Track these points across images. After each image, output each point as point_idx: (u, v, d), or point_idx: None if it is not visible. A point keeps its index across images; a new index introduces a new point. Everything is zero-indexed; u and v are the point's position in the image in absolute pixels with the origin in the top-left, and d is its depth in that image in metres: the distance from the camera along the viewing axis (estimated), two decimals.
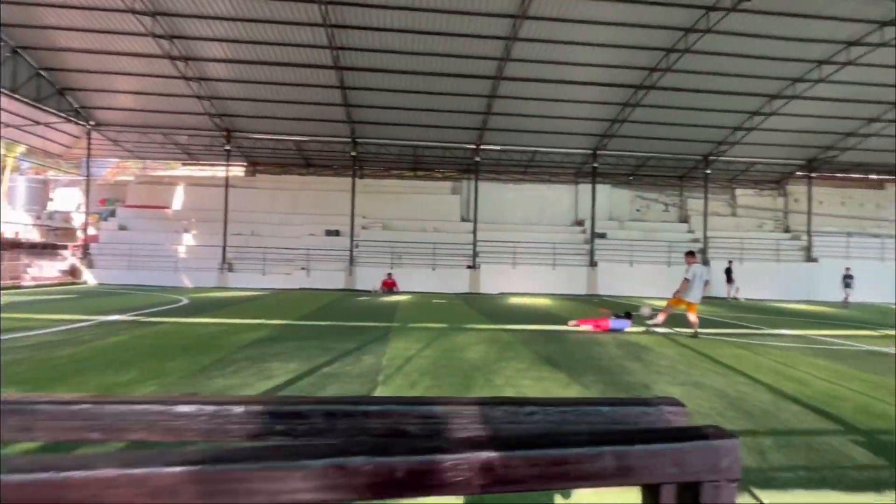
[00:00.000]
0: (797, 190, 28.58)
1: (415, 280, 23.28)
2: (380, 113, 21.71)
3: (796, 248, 26.05)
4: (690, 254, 9.70)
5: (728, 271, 22.26)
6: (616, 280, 24.01)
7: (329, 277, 23.16)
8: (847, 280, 21.63)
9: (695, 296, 9.43)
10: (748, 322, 12.81)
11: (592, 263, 24.13)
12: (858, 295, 24.61)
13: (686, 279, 9.45)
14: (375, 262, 23.71)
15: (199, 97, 20.55)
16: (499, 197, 27.53)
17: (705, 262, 24.74)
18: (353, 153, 23.38)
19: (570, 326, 10.38)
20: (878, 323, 13.54)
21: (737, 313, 15.64)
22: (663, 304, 11.92)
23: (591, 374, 6.15)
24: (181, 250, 23.57)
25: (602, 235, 25.66)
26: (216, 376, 5.58)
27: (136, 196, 26.63)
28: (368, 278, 23.04)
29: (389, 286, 22.40)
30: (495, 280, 23.52)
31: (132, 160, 28.99)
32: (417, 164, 26.92)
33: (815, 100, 20.50)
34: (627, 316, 10.44)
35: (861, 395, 5.41)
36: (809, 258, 25.05)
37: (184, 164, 28.93)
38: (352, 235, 23.44)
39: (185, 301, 14.94)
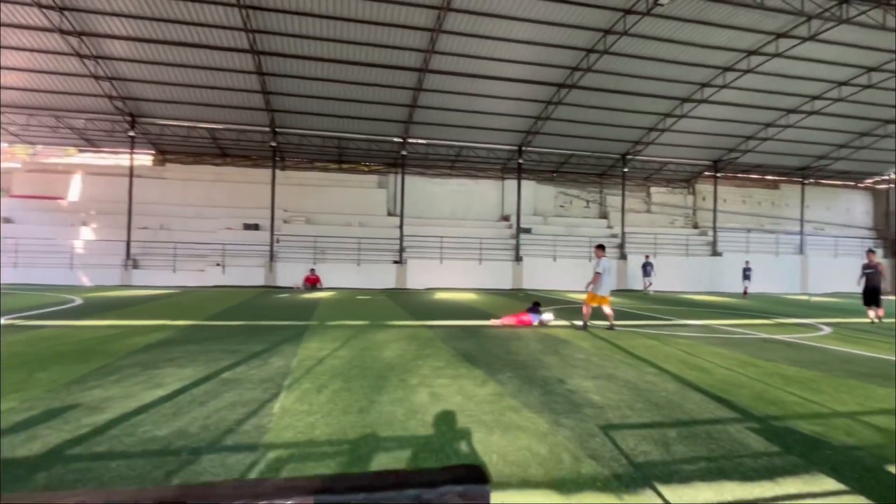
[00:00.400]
0: (704, 189, 30.55)
1: (339, 276, 22.59)
2: (302, 102, 20.79)
3: (703, 243, 27.86)
4: (600, 248, 9.71)
5: (645, 266, 23.36)
6: (540, 274, 24.52)
7: (247, 274, 21.96)
8: (746, 273, 23.29)
9: (605, 289, 9.54)
10: (660, 314, 13.32)
11: (518, 258, 24.50)
12: (756, 286, 26.80)
13: (597, 273, 9.50)
14: (298, 258, 22.76)
15: (96, 77, 18.67)
16: (426, 191, 27.28)
17: (623, 257, 25.87)
18: (273, 143, 22.26)
19: (494, 324, 10.30)
20: (772, 312, 14.64)
21: (650, 305, 16.37)
22: (583, 297, 12.13)
23: (509, 369, 6.06)
24: (78, 245, 21.42)
25: (527, 230, 26.10)
26: (93, 387, 4.94)
27: (25, 185, 23.90)
28: (290, 274, 22.08)
29: (313, 282, 21.60)
30: (422, 275, 23.28)
31: (19, 145, 25.97)
32: (342, 157, 26.11)
33: (720, 104, 21.92)
34: (535, 305, 10.46)
35: (757, 381, 5.68)
36: (715, 252, 26.88)
37: (81, 151, 26.32)
38: (272, 229, 22.35)
39: (77, 301, 13.51)
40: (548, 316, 10.03)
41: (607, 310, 9.63)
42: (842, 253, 29.63)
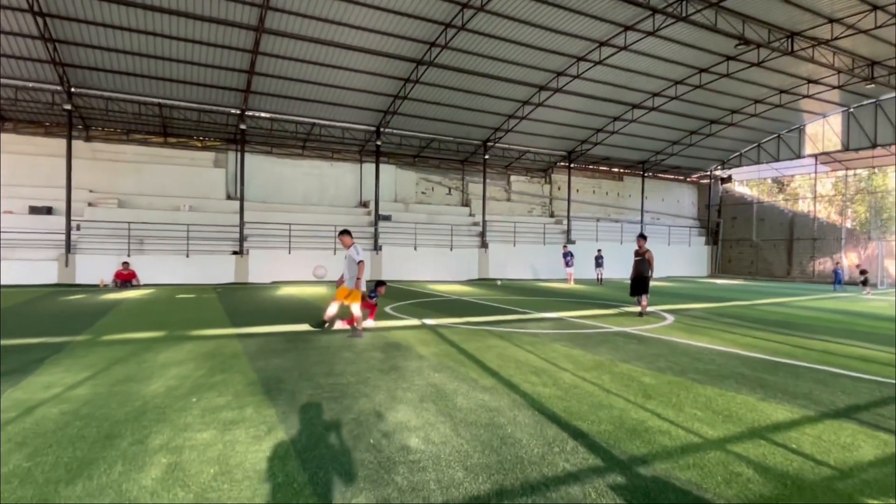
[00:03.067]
0: (560, 179, 31.83)
1: (164, 270, 19.34)
2: (107, 57, 17.06)
3: (559, 232, 28.96)
4: (346, 233, 8.35)
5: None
6: (401, 264, 23.48)
7: (34, 269, 17.71)
8: (599, 260, 24.31)
9: (354, 281, 8.14)
10: (515, 305, 12.98)
11: (377, 247, 23.17)
12: (604, 272, 28.49)
13: (361, 261, 8.10)
14: (107, 249, 18.98)
15: None
16: (274, 173, 24.78)
17: (484, 245, 25.81)
18: (68, 106, 18.05)
19: (340, 325, 8.87)
20: (619, 300, 15.08)
21: (505, 296, 16.08)
22: (444, 288, 11.04)
23: (317, 402, 4.64)
24: None
25: (387, 218, 24.89)
26: None
27: None
28: (95, 269, 18.29)
29: (126, 278, 18.14)
30: (267, 267, 20.98)
31: None
32: (168, 129, 22.41)
33: (574, 95, 22.51)
34: (378, 285, 9.48)
35: (615, 396, 4.93)
36: (569, 240, 28.04)
37: None
38: (68, 214, 18.25)
39: None
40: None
41: (356, 310, 8.22)
42: (674, 241, 32.85)
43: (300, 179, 25.32)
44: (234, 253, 20.83)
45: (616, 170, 33.56)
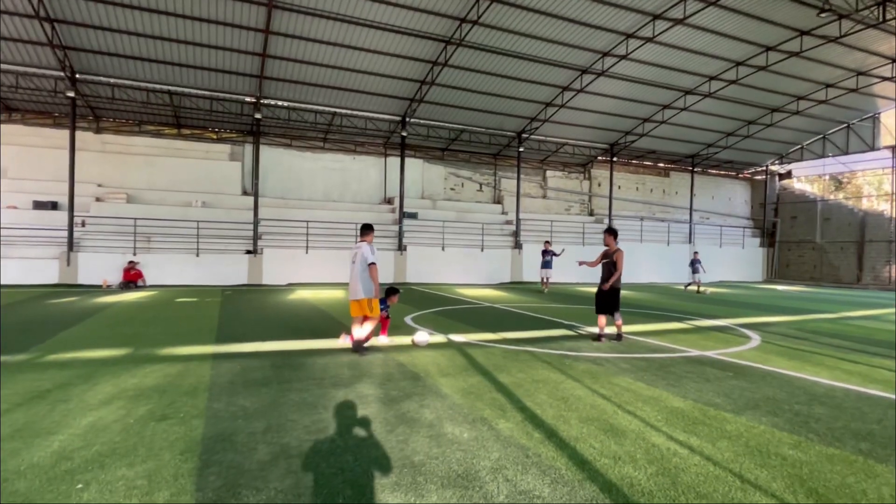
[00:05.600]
0: (600, 174, 29.79)
1: (172, 270, 18.33)
2: (109, 38, 15.92)
3: (599, 231, 26.89)
4: (370, 229, 7.28)
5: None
6: (426, 265, 21.97)
7: (34, 268, 16.74)
8: (695, 265, 20.30)
9: (369, 288, 6.97)
10: (561, 316, 11.28)
11: (401, 247, 21.69)
12: (649, 276, 26.35)
13: (373, 264, 6.98)
14: (112, 247, 17.96)
15: None
16: (292, 167, 23.73)
17: (517, 246, 24.14)
18: (71, 94, 17.01)
19: (341, 343, 7.56)
20: (679, 311, 13.10)
21: (549, 304, 14.28)
22: (473, 292, 9.47)
23: (271, 493, 2.90)
24: None
25: (413, 215, 23.47)
26: None
27: None
28: (99, 268, 17.26)
29: (132, 278, 17.09)
30: (282, 268, 19.91)
31: None
32: (181, 120, 21.36)
33: (619, 79, 20.48)
34: (391, 293, 7.92)
35: (752, 488, 3.04)
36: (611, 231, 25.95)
37: None
38: (71, 208, 17.23)
39: None
40: (422, 337, 7.72)
41: (370, 325, 7.11)
42: (726, 242, 30.32)
43: (320, 174, 24.23)
44: (248, 252, 19.77)
45: (662, 164, 31.35)
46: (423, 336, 7.71)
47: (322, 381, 5.48)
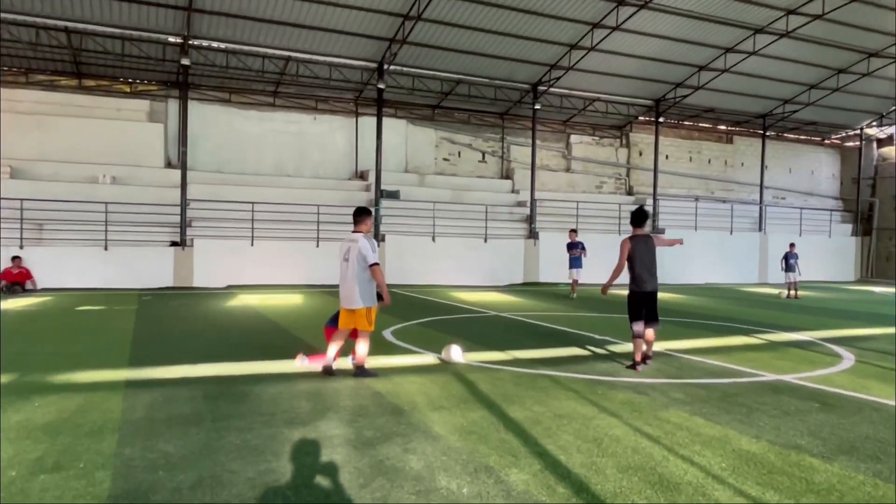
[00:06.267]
0: (641, 140, 29.89)
1: (73, 267, 18.57)
2: None
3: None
4: (367, 213, 7.39)
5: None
6: (412, 261, 22.03)
7: None
8: (790, 261, 20.18)
9: (368, 295, 7.11)
10: (590, 328, 11.33)
11: (378, 237, 21.67)
12: (707, 274, 26.47)
13: (376, 265, 7.05)
14: None
15: None
16: (232, 130, 23.82)
17: (532, 236, 24.17)
18: None
19: (299, 365, 7.61)
20: (747, 321, 13.14)
21: (570, 311, 14.25)
22: (475, 297, 9.66)
23: None
24: None
25: (394, 195, 23.52)
26: None
27: None
28: None
29: (17, 280, 17.15)
30: (220, 265, 20.08)
31: None
32: (83, 68, 21.18)
33: (668, 12, 20.46)
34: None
35: None
36: (656, 229, 26.03)
37: None
38: None
39: None
40: (455, 354, 8.12)
41: (362, 348, 7.25)
42: (807, 229, 30.49)
43: (270, 140, 24.27)
44: (174, 245, 19.89)
45: (724, 127, 31.56)
46: (456, 352, 8.04)
47: (272, 418, 5.42)
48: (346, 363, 7.47)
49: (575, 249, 18.78)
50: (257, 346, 9.21)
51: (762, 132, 30.52)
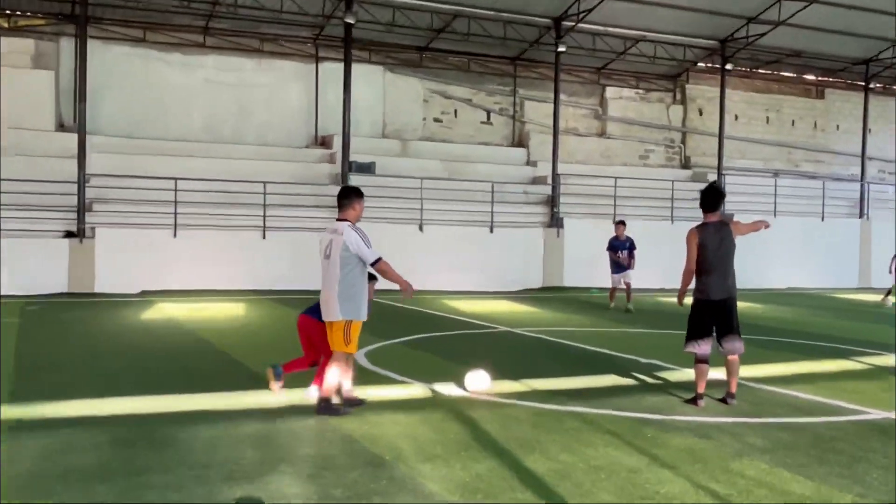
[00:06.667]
0: (701, 93, 30.16)
1: None
2: None
3: (697, 197, 26.90)
4: (358, 195, 7.65)
5: None
6: (391, 258, 21.28)
7: None
8: None
9: (361, 306, 7.30)
10: (634, 350, 11.52)
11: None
12: (788, 276, 26.44)
13: (380, 260, 7.25)
14: None
15: None
16: (150, 80, 24.10)
17: (555, 223, 24.18)
18: None
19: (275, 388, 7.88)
20: (852, 339, 13.25)
21: (613, 326, 14.28)
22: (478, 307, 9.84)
23: None
24: None
25: (367, 168, 23.74)
26: None
27: None
28: None
29: None
30: (132, 264, 20.06)
31: None
32: None
33: None
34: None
35: None
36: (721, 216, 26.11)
37: None
38: None
39: None
40: (478, 380, 8.31)
41: (334, 373, 7.30)
42: None
43: (199, 93, 24.52)
44: (69, 235, 20.03)
45: (812, 77, 31.66)
46: (483, 379, 8.18)
47: (207, 472, 5.43)
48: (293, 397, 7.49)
49: (621, 252, 18.02)
50: (185, 373, 9.26)
51: (864, 84, 30.72)
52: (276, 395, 7.76)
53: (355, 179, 22.71)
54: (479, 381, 8.18)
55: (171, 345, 11.55)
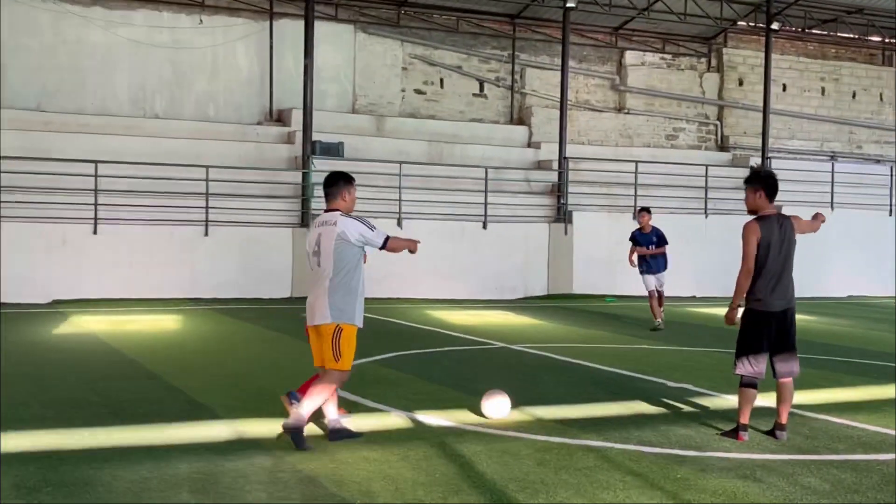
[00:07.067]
0: (740, 58, 30.37)
1: None
2: None
3: (740, 186, 26.94)
4: (348, 182, 7.89)
5: None
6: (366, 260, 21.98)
7: None
8: None
9: (356, 309, 7.56)
10: (659, 373, 11.51)
11: (306, 222, 21.89)
12: (845, 284, 26.51)
13: (394, 240, 7.68)
14: None
15: None
16: (62, 40, 24.06)
17: (564, 218, 24.20)
18: None
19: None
20: None
21: (638, 342, 14.31)
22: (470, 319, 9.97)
23: None
24: None
25: (333, 149, 23.81)
26: None
27: None
28: None
29: None
30: (41, 266, 20.18)
31: None
32: None
33: None
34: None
35: None
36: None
37: None
38: None
39: None
40: (498, 406, 8.51)
41: (323, 394, 7.50)
42: None
43: (126, 57, 24.53)
44: None
45: (878, 39, 31.85)
46: (502, 403, 8.30)
47: None
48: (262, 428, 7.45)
49: (648, 245, 17.78)
50: (106, 402, 9.17)
51: None
52: (226, 428, 7.77)
53: (320, 164, 22.84)
54: (500, 407, 8.27)
55: (88, 367, 11.48)
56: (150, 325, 16.11)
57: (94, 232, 20.41)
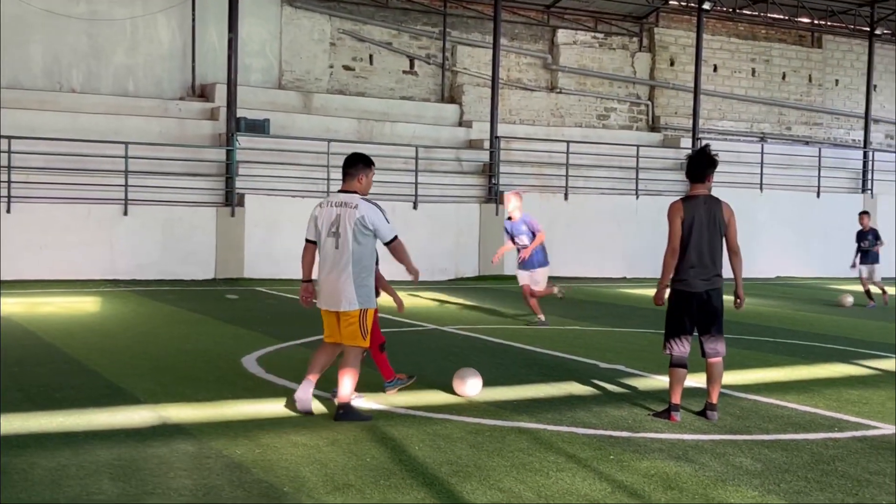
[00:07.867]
0: (672, 40, 30.65)
1: None
2: None
3: (670, 166, 27.39)
4: (367, 164, 8.06)
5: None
6: (288, 239, 21.61)
7: None
8: (867, 240, 21.01)
9: (372, 292, 8.01)
10: (588, 352, 11.65)
11: (231, 200, 21.66)
12: (774, 265, 26.98)
13: (395, 241, 8.02)
14: None
15: None
16: None
17: (493, 199, 24.27)
18: None
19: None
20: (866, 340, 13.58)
21: (567, 323, 14.44)
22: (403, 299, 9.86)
23: None
24: None
25: (259, 126, 23.70)
26: None
27: None
28: None
29: None
30: None
31: None
32: None
33: None
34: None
35: None
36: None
37: None
38: None
39: None
40: (474, 385, 8.71)
41: (350, 377, 7.72)
42: None
43: (38, 28, 24.17)
44: None
45: (807, 20, 32.32)
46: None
47: None
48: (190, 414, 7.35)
49: (519, 235, 15.79)
50: (20, 386, 8.96)
51: (869, 29, 31.41)
52: (149, 414, 7.64)
53: (244, 142, 22.71)
54: (475, 386, 8.46)
55: (2, 351, 11.24)
56: (68, 307, 15.85)
57: (8, 211, 20.06)
